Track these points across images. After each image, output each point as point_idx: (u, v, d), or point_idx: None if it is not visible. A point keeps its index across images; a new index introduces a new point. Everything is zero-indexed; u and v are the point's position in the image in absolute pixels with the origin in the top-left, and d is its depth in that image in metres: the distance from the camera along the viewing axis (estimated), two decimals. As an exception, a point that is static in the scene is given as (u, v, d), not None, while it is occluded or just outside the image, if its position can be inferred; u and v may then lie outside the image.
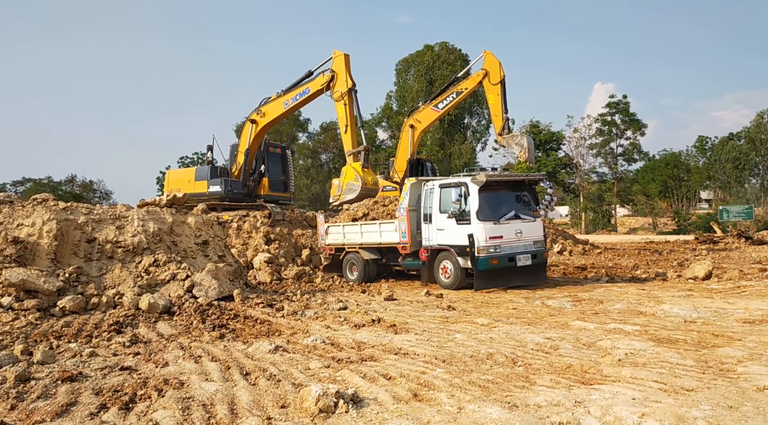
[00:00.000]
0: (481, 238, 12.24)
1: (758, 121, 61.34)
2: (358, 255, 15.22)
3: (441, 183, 13.47)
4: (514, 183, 13.53)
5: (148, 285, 10.94)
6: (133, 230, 11.85)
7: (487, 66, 19.28)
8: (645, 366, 6.04)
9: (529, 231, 13.00)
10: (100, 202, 52.10)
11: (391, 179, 24.03)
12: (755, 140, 60.44)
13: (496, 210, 12.73)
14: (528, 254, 12.81)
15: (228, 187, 20.77)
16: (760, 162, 60.99)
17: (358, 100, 17.02)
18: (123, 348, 7.47)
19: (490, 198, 12.68)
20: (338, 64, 17.09)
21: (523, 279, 12.95)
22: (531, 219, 13.14)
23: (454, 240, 12.82)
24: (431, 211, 13.45)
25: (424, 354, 6.76)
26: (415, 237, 13.87)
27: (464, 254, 12.58)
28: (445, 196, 13.16)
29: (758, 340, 7.11)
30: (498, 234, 12.44)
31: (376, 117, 58.76)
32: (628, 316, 9.18)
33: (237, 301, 10.96)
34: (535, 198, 13.64)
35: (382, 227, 14.77)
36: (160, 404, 5.13)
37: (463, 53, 52.52)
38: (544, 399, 4.96)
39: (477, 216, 12.35)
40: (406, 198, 14.02)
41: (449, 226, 12.95)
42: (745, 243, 23.35)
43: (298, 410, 4.86)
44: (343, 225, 15.91)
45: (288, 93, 18.95)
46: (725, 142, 65.91)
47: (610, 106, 54.88)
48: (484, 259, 12.24)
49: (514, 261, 12.56)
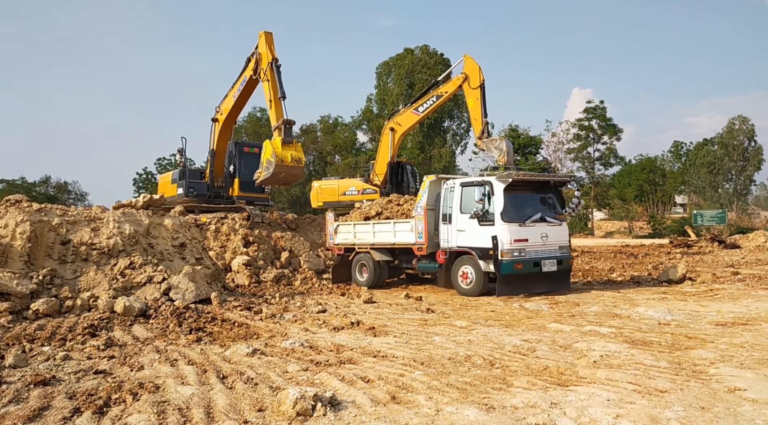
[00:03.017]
0: (505, 241, 11.51)
1: (730, 127, 62.65)
2: (369, 256, 14.55)
3: (463, 181, 12.80)
4: (539, 184, 12.85)
5: (124, 287, 10.80)
6: (108, 232, 11.69)
7: (466, 70, 19.35)
8: (620, 367, 6.13)
9: (555, 235, 12.36)
10: (75, 204, 51.31)
11: (371, 182, 24.02)
12: (728, 146, 61.71)
13: (521, 211, 12.04)
14: (553, 259, 12.13)
15: (189, 188, 20.62)
16: (733, 167, 62.27)
17: (280, 73, 16.46)
18: (97, 352, 7.36)
19: (514, 198, 11.98)
20: (261, 44, 16.74)
21: (546, 286, 12.27)
22: (557, 222, 12.50)
23: (475, 242, 12.09)
24: (451, 210, 12.72)
25: (402, 357, 6.77)
26: (433, 238, 13.14)
27: (486, 257, 11.83)
28: (466, 195, 12.43)
29: (730, 342, 7.26)
30: (523, 237, 11.76)
31: (356, 120, 58.72)
32: (604, 318, 9.30)
33: (214, 304, 10.86)
34: (561, 200, 13.04)
35: (397, 227, 14.03)
36: (134, 408, 5.07)
37: (443, 57, 52.77)
38: (521, 400, 5.00)
39: (501, 217, 11.64)
40: (425, 196, 13.27)
41: (471, 227, 12.22)
42: (718, 247, 23.80)
43: (275, 413, 4.84)
44: (354, 224, 15.25)
45: (234, 85, 18.91)
46: (700, 148, 67.16)
47: (587, 112, 55.60)
48: (509, 263, 11.48)
49: (539, 267, 11.86)
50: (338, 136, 57.04)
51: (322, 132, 58.73)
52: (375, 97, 56.06)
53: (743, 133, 62.24)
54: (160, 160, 66.24)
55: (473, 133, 19.45)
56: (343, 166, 51.22)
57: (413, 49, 53.79)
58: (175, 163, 53.69)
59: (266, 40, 16.63)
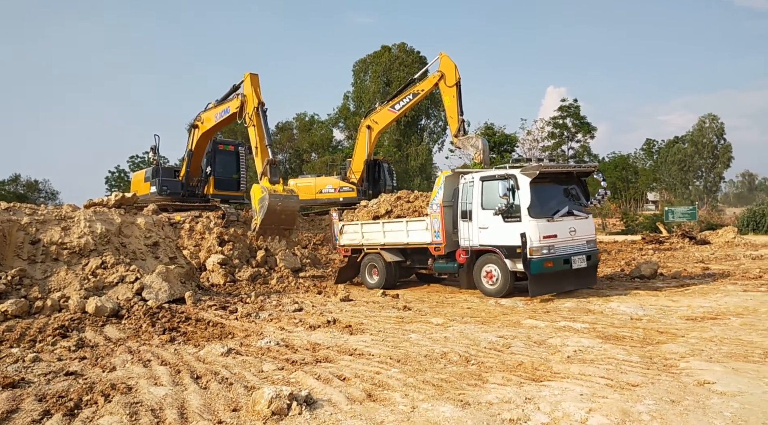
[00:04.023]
0: (534, 238, 10.76)
1: (701, 125, 63.92)
2: (380, 256, 13.80)
3: (483, 175, 11.89)
4: (563, 175, 12.04)
5: (96, 287, 10.62)
6: (79, 231, 11.48)
7: (443, 68, 19.45)
8: (593, 362, 6.22)
9: (583, 229, 11.62)
10: (46, 203, 50.25)
11: (348, 180, 24.01)
12: (698, 143, 62.95)
13: (547, 205, 11.28)
14: (583, 255, 11.42)
15: (163, 187, 20.36)
16: (703, 165, 63.54)
17: (266, 117, 15.92)
18: (68, 353, 7.24)
19: (540, 192, 11.16)
20: (246, 86, 16.23)
21: (576, 283, 11.62)
22: (584, 215, 11.78)
23: (500, 240, 11.31)
24: (471, 207, 11.87)
25: (379, 355, 6.78)
26: (451, 236, 12.32)
27: (513, 256, 11.09)
28: (488, 189, 11.62)
29: (700, 336, 7.41)
30: (552, 232, 11.02)
31: (332, 117, 58.49)
32: (578, 314, 9.42)
33: (189, 304, 10.74)
34: (585, 191, 12.28)
35: (410, 225, 13.22)
36: (106, 409, 5.00)
37: (420, 55, 52.86)
38: (496, 396, 5.04)
39: (529, 213, 10.86)
40: (440, 192, 12.42)
41: (494, 224, 11.43)
42: (689, 243, 24.23)
43: (250, 413, 4.80)
44: (361, 223, 14.53)
45: (219, 106, 18.52)
46: (671, 145, 68.38)
47: (561, 110, 56.25)
48: (538, 262, 10.73)
49: (569, 263, 11.15)
50: (314, 133, 56.77)
51: (298, 129, 58.38)
52: (352, 95, 55.95)
53: (713, 131, 63.53)
54: (133, 157, 65.13)
55: (449, 130, 19.55)
56: (319, 164, 50.99)
57: (390, 46, 53.77)
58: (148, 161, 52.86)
59: (252, 82, 16.12)
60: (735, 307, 9.50)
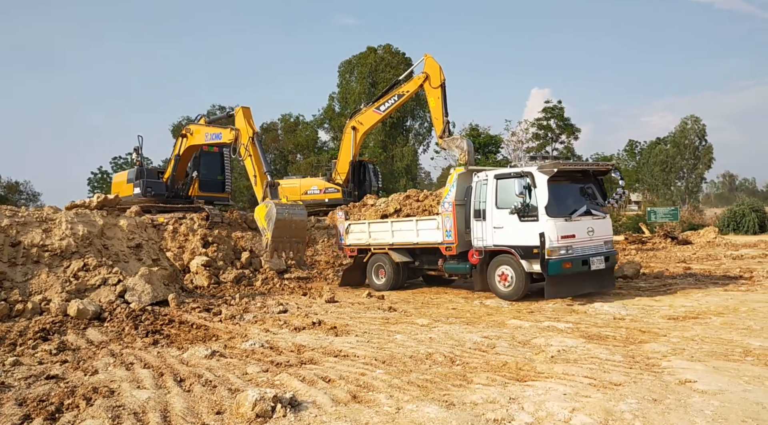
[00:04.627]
0: (552, 238, 10.42)
1: (683, 127, 64.67)
2: (388, 257, 13.47)
3: (498, 173, 11.57)
4: (580, 173, 11.75)
5: (77, 290, 10.49)
6: (60, 233, 11.33)
7: (427, 69, 19.49)
8: (576, 362, 6.26)
9: (601, 229, 11.30)
10: (27, 204, 49.61)
11: (333, 181, 23.97)
12: (680, 144, 63.69)
13: (565, 204, 10.98)
14: (601, 256, 11.08)
15: (147, 188, 20.14)
16: (684, 165, 64.30)
17: (262, 145, 15.70)
18: (49, 356, 7.15)
19: (557, 190, 10.83)
20: (239, 120, 15.84)
21: (594, 285, 11.27)
22: (602, 215, 11.45)
23: (516, 240, 10.95)
24: (484, 206, 11.50)
25: (364, 356, 6.78)
26: (463, 236, 11.94)
27: (530, 256, 10.74)
28: (502, 188, 11.26)
29: (681, 336, 7.50)
30: (570, 233, 10.69)
31: (318, 118, 58.36)
32: (562, 314, 9.50)
33: (172, 306, 10.65)
34: (602, 191, 11.93)
35: (420, 225, 12.82)
36: (88, 413, 4.95)
37: (405, 57, 52.96)
38: (480, 396, 5.06)
39: (546, 212, 10.52)
40: (452, 190, 12.05)
41: (509, 224, 11.05)
42: (671, 243, 24.54)
43: (234, 415, 4.78)
44: (368, 222, 14.22)
45: (210, 127, 18.08)
46: (653, 146, 69.13)
47: (546, 111, 56.63)
48: (556, 262, 10.37)
49: (587, 265, 10.79)
50: (300, 134, 56.62)
51: (283, 130, 58.20)
52: (337, 96, 55.88)
53: (695, 133, 64.32)
54: (116, 159, 64.59)
55: (435, 132, 19.59)
56: (304, 165, 50.90)
57: (376, 47, 53.80)
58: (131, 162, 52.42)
59: (244, 115, 15.75)
60: (716, 307, 9.64)
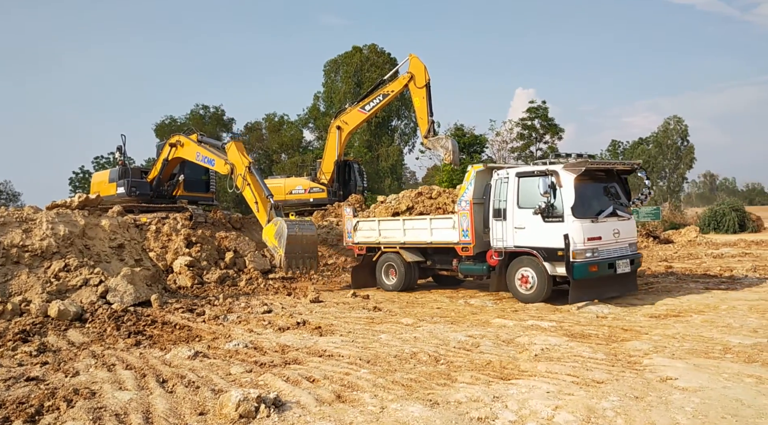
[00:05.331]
0: (578, 239, 9.95)
1: (665, 127, 65.49)
2: (399, 256, 13.01)
3: (519, 171, 11.09)
4: (604, 173, 11.29)
5: (58, 291, 10.36)
6: (41, 233, 11.19)
7: (412, 69, 19.50)
8: (559, 360, 6.31)
9: (626, 231, 10.89)
10: (7, 204, 48.92)
11: (318, 181, 23.89)
12: (662, 144, 64.48)
13: (590, 205, 10.54)
14: (626, 259, 10.67)
15: (131, 187, 19.90)
16: (666, 165, 65.11)
17: (258, 174, 15.58)
18: (29, 358, 7.06)
19: (582, 190, 10.35)
20: (233, 154, 15.50)
21: (618, 289, 10.85)
22: (627, 216, 11.03)
23: (538, 242, 10.47)
24: (505, 205, 11.01)
25: (348, 356, 6.77)
26: (481, 236, 11.49)
27: (553, 259, 10.25)
28: (525, 186, 10.79)
29: (663, 334, 7.59)
30: (597, 234, 10.22)
31: (303, 118, 58.24)
32: (545, 313, 9.56)
33: (155, 307, 10.56)
34: (626, 190, 11.55)
35: (434, 223, 12.38)
36: (69, 415, 4.89)
37: (391, 56, 52.98)
38: (465, 395, 5.08)
39: (573, 213, 10.04)
40: (470, 188, 11.56)
41: (532, 224, 10.57)
42: (653, 242, 24.81)
43: (217, 416, 4.75)
44: (378, 220, 13.84)
45: (203, 147, 17.52)
46: (635, 146, 69.92)
47: (530, 111, 56.89)
48: (582, 266, 9.90)
49: (613, 268, 10.35)
50: (284, 134, 56.38)
51: (267, 130, 57.94)
52: (322, 95, 55.77)
53: (677, 133, 65.19)
54: (98, 158, 63.87)
55: (420, 132, 19.62)
56: (289, 164, 50.69)
57: (361, 47, 53.75)
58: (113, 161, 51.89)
59: (237, 149, 15.49)
60: (696, 305, 9.76)
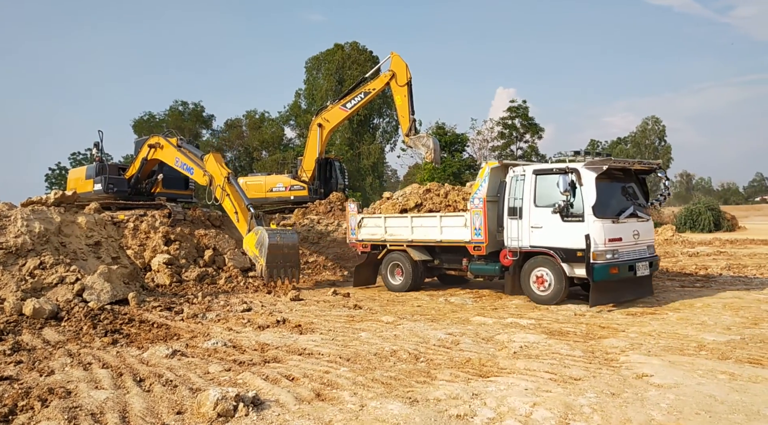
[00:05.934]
0: (599, 240, 9.60)
1: (644, 127, 66.38)
2: (406, 254, 12.63)
3: (537, 168, 10.70)
4: (623, 172, 10.95)
5: (33, 289, 10.18)
6: (16, 230, 10.99)
7: (394, 67, 19.50)
8: (538, 357, 6.36)
9: (645, 232, 10.61)
10: (-20, 200, 47.84)
11: (299, 178, 23.79)
12: (640, 144, 65.37)
13: (611, 205, 10.19)
14: (646, 261, 10.38)
15: (108, 184, 19.60)
16: (644, 165, 65.94)
17: (236, 182, 15.34)
18: (3, 357, 6.92)
19: (603, 189, 9.99)
20: (211, 165, 15.23)
21: (635, 292, 10.47)
22: (646, 217, 10.76)
23: (556, 242, 10.11)
24: (521, 203, 10.64)
25: (328, 354, 6.75)
26: (494, 235, 11.17)
27: (572, 260, 9.92)
28: (542, 184, 10.42)
29: (639, 331, 7.70)
30: (617, 236, 9.89)
31: (284, 115, 57.99)
32: (524, 311, 9.63)
33: (132, 305, 10.43)
34: (644, 191, 11.30)
35: (445, 221, 11.94)
36: (43, 415, 4.81)
37: (373, 54, 52.95)
38: (444, 392, 5.10)
39: (594, 212, 9.66)
40: (484, 185, 11.20)
41: (550, 224, 10.21)
42: (631, 241, 25.16)
43: (195, 415, 4.71)
44: (384, 217, 13.29)
45: (182, 155, 17.27)
46: (614, 146, 70.77)
47: (511, 111, 57.32)
48: (603, 267, 9.54)
49: (633, 270, 10.04)
50: (265, 131, 56.04)
51: (248, 127, 57.55)
52: (304, 92, 55.55)
53: (655, 133, 66.13)
54: (75, 154, 62.95)
55: (401, 130, 19.65)
56: (270, 162, 50.38)
57: (343, 44, 53.63)
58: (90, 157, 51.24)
59: (216, 161, 15.24)
60: (672, 303, 9.92)
